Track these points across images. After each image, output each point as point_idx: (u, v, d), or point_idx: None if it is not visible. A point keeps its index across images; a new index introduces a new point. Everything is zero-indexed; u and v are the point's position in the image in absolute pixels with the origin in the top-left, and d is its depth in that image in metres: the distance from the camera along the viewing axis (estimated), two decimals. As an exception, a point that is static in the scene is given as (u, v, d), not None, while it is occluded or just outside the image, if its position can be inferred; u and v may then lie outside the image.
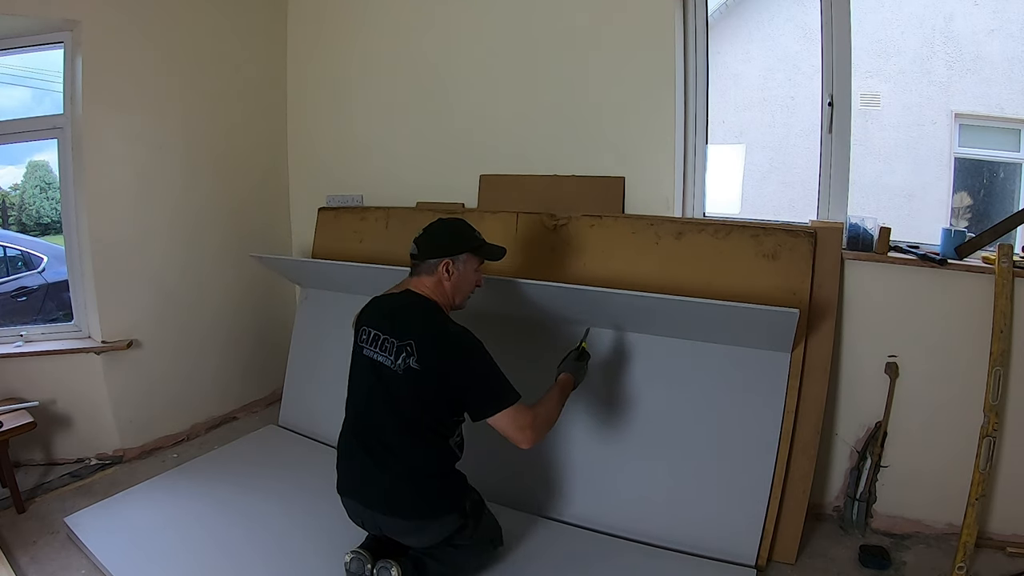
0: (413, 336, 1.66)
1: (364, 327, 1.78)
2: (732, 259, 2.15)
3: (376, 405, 1.72)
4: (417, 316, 1.72)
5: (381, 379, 1.70)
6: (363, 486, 1.72)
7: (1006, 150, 3.35)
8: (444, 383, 1.64)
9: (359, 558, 1.74)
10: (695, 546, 2.03)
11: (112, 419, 2.69)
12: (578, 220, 2.41)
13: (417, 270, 1.81)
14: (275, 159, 3.38)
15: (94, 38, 2.47)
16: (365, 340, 1.76)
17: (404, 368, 1.65)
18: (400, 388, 1.66)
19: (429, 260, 1.78)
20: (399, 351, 1.66)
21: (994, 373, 1.95)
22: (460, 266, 1.80)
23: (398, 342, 1.67)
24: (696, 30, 2.50)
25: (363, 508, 1.73)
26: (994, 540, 2.11)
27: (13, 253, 3.45)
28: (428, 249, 1.79)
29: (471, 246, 1.83)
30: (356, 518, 1.79)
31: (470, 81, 2.88)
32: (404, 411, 1.67)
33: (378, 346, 1.72)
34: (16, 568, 1.95)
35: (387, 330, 1.72)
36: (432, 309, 1.75)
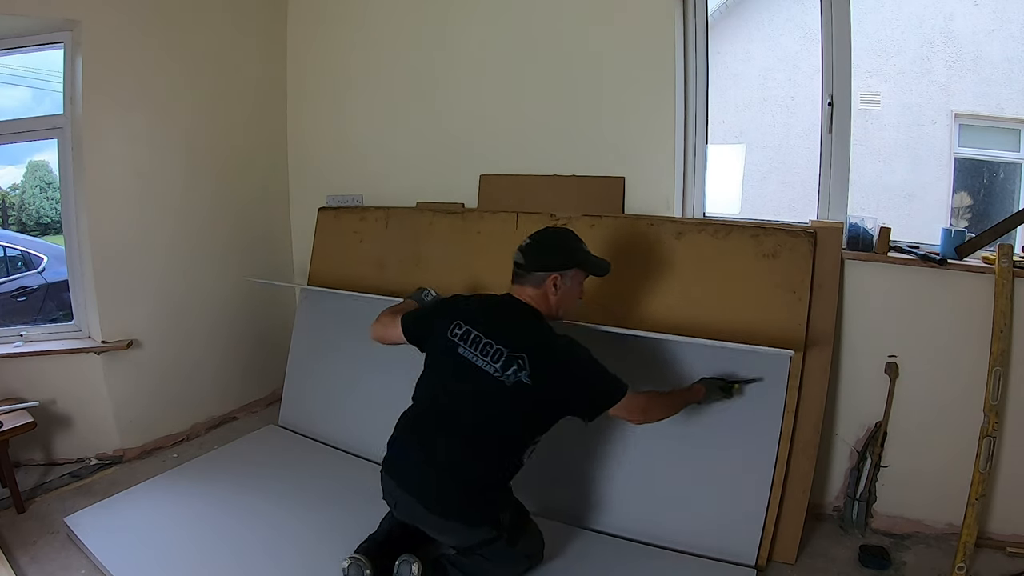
0: (526, 350, 1.61)
1: (459, 322, 1.71)
2: (732, 259, 2.15)
3: (457, 405, 1.67)
4: (527, 328, 1.68)
5: (474, 382, 1.64)
6: (411, 474, 1.67)
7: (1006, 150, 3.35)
8: (555, 400, 1.64)
9: (357, 564, 1.72)
10: (695, 546, 2.03)
11: (112, 419, 2.69)
12: (578, 220, 2.41)
13: (521, 280, 1.76)
14: (275, 159, 3.38)
15: (94, 38, 2.47)
16: (460, 337, 1.69)
17: (513, 381, 1.60)
18: (500, 398, 1.62)
19: (536, 272, 1.73)
20: (509, 362, 1.61)
21: (994, 373, 1.95)
22: (567, 281, 1.76)
23: (508, 352, 1.62)
24: (696, 30, 2.50)
25: (403, 493, 1.67)
26: (994, 540, 2.11)
27: (13, 253, 3.45)
28: (536, 261, 1.74)
29: (578, 260, 1.78)
30: (390, 498, 1.74)
31: (470, 81, 2.88)
32: (494, 420, 1.64)
33: (478, 349, 1.65)
34: (16, 568, 1.95)
35: (492, 335, 1.66)
36: (538, 320, 1.72)
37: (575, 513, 2.20)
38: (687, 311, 2.20)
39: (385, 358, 2.66)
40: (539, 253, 1.75)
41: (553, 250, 1.76)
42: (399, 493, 1.69)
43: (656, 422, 1.76)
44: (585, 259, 1.80)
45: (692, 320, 2.19)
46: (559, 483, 2.27)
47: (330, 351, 2.87)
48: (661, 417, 1.76)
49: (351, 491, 2.35)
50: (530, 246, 1.76)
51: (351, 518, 2.09)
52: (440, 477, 1.63)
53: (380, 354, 2.67)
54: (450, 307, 1.81)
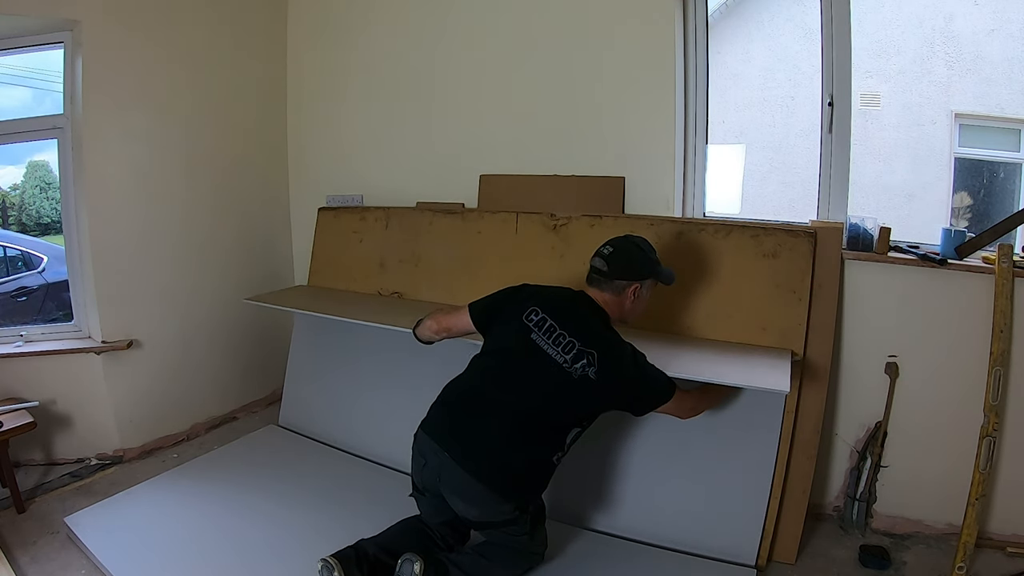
0: (597, 347, 1.67)
1: (535, 308, 1.75)
2: (732, 259, 2.16)
3: (517, 387, 1.70)
4: (598, 326, 1.74)
5: (542, 368, 1.68)
6: (457, 435, 1.68)
7: (1006, 150, 3.34)
8: (612, 397, 1.71)
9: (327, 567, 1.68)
10: (695, 546, 2.03)
11: (112, 419, 2.69)
12: (578, 220, 2.41)
13: (600, 285, 1.80)
14: (275, 159, 3.38)
15: (94, 38, 2.47)
16: (535, 323, 1.73)
17: (581, 375, 1.65)
18: (564, 388, 1.66)
19: (618, 281, 1.78)
20: (579, 355, 1.66)
21: (994, 373, 1.95)
22: (645, 291, 1.83)
23: (580, 345, 1.67)
24: (696, 30, 2.50)
25: (440, 451, 1.67)
26: (994, 540, 2.11)
27: (13, 253, 3.45)
28: (620, 270, 1.78)
29: (656, 271, 1.84)
30: (421, 458, 1.74)
31: (470, 81, 2.88)
32: (551, 405, 1.68)
33: (552, 338, 1.70)
34: (16, 568, 1.95)
35: (566, 326, 1.71)
36: (607, 322, 1.78)
37: (575, 512, 2.21)
38: (687, 311, 2.21)
39: (385, 359, 2.67)
40: (623, 262, 1.79)
41: (636, 261, 1.81)
42: (434, 449, 1.69)
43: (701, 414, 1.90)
44: (660, 270, 1.85)
45: (692, 321, 2.20)
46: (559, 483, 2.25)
47: (330, 351, 2.87)
48: (705, 410, 1.91)
49: (351, 491, 2.35)
50: (614, 255, 1.79)
51: (351, 518, 2.09)
52: (482, 444, 1.66)
53: (380, 355, 2.68)
54: (524, 294, 1.84)
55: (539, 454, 1.70)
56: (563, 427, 1.71)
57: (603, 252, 1.81)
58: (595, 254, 1.82)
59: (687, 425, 2.10)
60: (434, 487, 1.74)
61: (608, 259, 1.79)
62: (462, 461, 1.65)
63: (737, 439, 2.05)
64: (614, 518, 2.15)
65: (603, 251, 1.81)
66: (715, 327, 2.16)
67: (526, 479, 1.71)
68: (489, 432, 1.67)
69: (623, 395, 1.72)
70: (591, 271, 1.82)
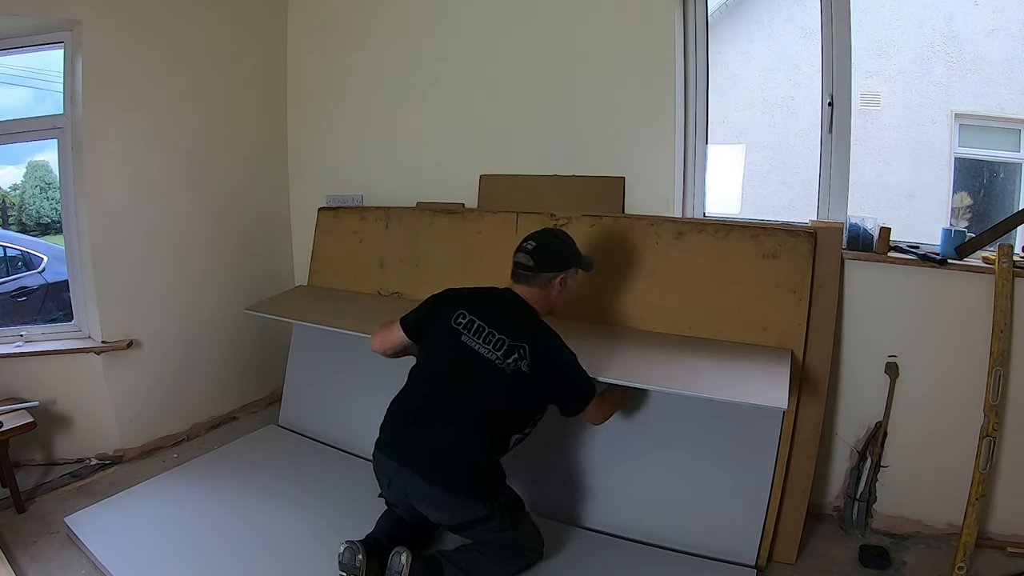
0: (528, 341, 1.72)
1: (463, 311, 1.80)
2: (732, 259, 2.15)
3: (456, 389, 1.75)
4: (526, 320, 1.79)
5: (475, 368, 1.73)
6: (411, 450, 1.73)
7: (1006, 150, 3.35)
8: (547, 389, 1.76)
9: (351, 549, 1.74)
10: (695, 546, 2.03)
11: (112, 419, 2.69)
12: (578, 220, 2.41)
13: (528, 280, 1.84)
14: (275, 159, 3.38)
15: (94, 38, 2.47)
16: (464, 325, 1.78)
17: (514, 369, 1.70)
18: (498, 384, 1.71)
19: (545, 274, 1.83)
20: (511, 351, 1.71)
21: (994, 373, 1.95)
22: (570, 280, 1.88)
23: (510, 341, 1.72)
24: (696, 30, 2.50)
25: (400, 468, 1.72)
26: (994, 540, 2.11)
27: (13, 253, 3.45)
28: (545, 262, 1.83)
29: (578, 260, 1.90)
30: (385, 478, 1.80)
31: (470, 80, 2.88)
32: (490, 404, 1.73)
33: (481, 337, 1.75)
34: (16, 568, 1.96)
35: (494, 324, 1.76)
36: (535, 316, 1.82)
37: (575, 512, 2.21)
38: (688, 312, 2.20)
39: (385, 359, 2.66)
40: (547, 254, 1.84)
41: (559, 252, 1.86)
42: (394, 468, 1.74)
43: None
44: (582, 258, 1.92)
45: (692, 321, 2.20)
46: (559, 482, 2.27)
47: (330, 351, 2.86)
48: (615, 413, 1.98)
49: (351, 491, 2.34)
50: (537, 248, 1.84)
51: (351, 518, 2.09)
52: (437, 451, 1.70)
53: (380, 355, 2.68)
54: (451, 298, 1.88)
55: (491, 449, 1.76)
56: (509, 422, 1.76)
57: (526, 248, 1.84)
58: (518, 250, 1.86)
59: (687, 425, 2.10)
60: (404, 501, 1.80)
61: (532, 253, 1.83)
62: (422, 472, 1.69)
63: (737, 439, 2.05)
64: (614, 518, 2.15)
65: (526, 247, 1.85)
66: (715, 327, 2.16)
67: (484, 474, 1.76)
68: (439, 438, 1.71)
69: (556, 386, 1.77)
70: (516, 268, 1.86)
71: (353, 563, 1.72)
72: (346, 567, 1.73)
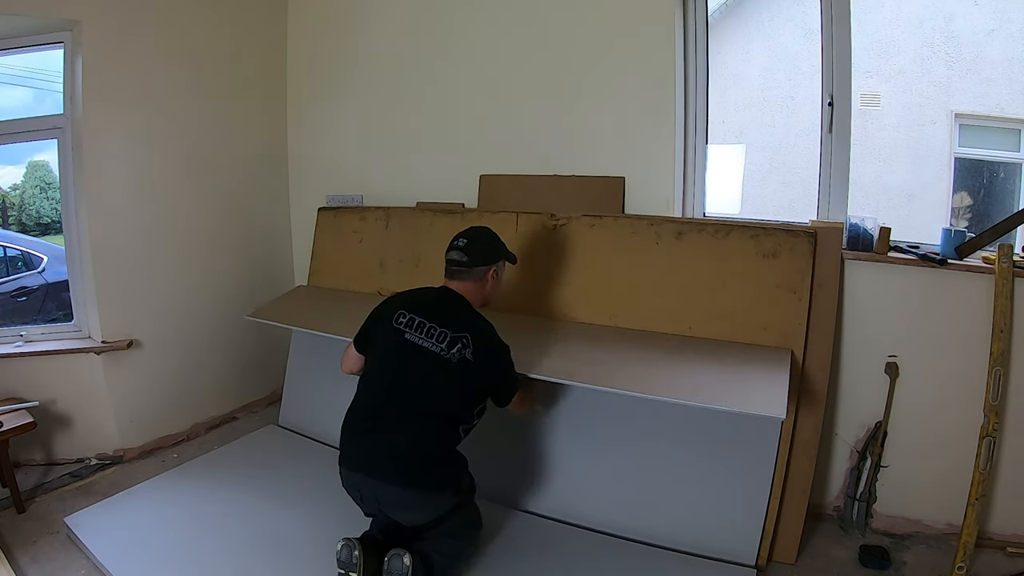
0: (469, 331, 1.80)
1: (403, 311, 1.86)
2: (732, 259, 2.15)
3: (407, 385, 1.79)
4: (466, 313, 1.87)
5: (422, 362, 1.78)
6: (373, 457, 1.75)
7: (1006, 150, 3.35)
8: (489, 376, 1.84)
9: (348, 546, 1.76)
10: (695, 546, 2.03)
11: (112, 419, 2.69)
12: (578, 220, 2.41)
13: (463, 276, 1.91)
14: (275, 159, 3.38)
15: (94, 38, 2.47)
16: (405, 324, 1.84)
17: (459, 358, 1.77)
18: (446, 374, 1.77)
19: (478, 267, 1.91)
20: (454, 341, 1.78)
21: (994, 373, 1.95)
22: (500, 272, 1.98)
23: (452, 333, 1.79)
24: (696, 30, 2.50)
25: (366, 477, 1.75)
26: (994, 540, 2.11)
27: (13, 253, 3.45)
28: (479, 257, 1.91)
29: (506, 253, 2.00)
30: (355, 491, 1.81)
31: (470, 81, 2.88)
32: (440, 394, 1.78)
33: (424, 332, 1.81)
34: (16, 568, 1.96)
35: (434, 319, 1.82)
36: (472, 308, 1.90)
37: (574, 512, 2.21)
38: (688, 312, 2.20)
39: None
40: (480, 249, 1.93)
41: (489, 246, 1.96)
42: (362, 480, 1.77)
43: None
44: (508, 251, 2.03)
45: (692, 321, 2.20)
46: (559, 483, 2.27)
47: (330, 351, 2.86)
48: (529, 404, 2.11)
49: (351, 491, 2.34)
50: (470, 244, 1.92)
51: (351, 518, 2.08)
52: (398, 454, 1.74)
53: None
54: (389, 303, 1.95)
55: (448, 439, 1.80)
56: (460, 411, 1.81)
57: (459, 245, 1.91)
58: (450, 248, 1.92)
59: (687, 425, 2.10)
60: (377, 511, 1.84)
61: (465, 250, 1.91)
62: (389, 478, 1.72)
63: (737, 439, 2.05)
64: (614, 518, 2.15)
65: (458, 243, 1.92)
66: (716, 327, 2.16)
67: (448, 462, 1.82)
68: (398, 440, 1.74)
69: (496, 374, 1.85)
70: (450, 265, 1.93)
71: (350, 560, 1.74)
72: (344, 564, 1.75)
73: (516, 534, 2.13)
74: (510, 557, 2.01)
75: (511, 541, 2.09)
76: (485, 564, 1.98)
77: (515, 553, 2.03)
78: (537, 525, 2.18)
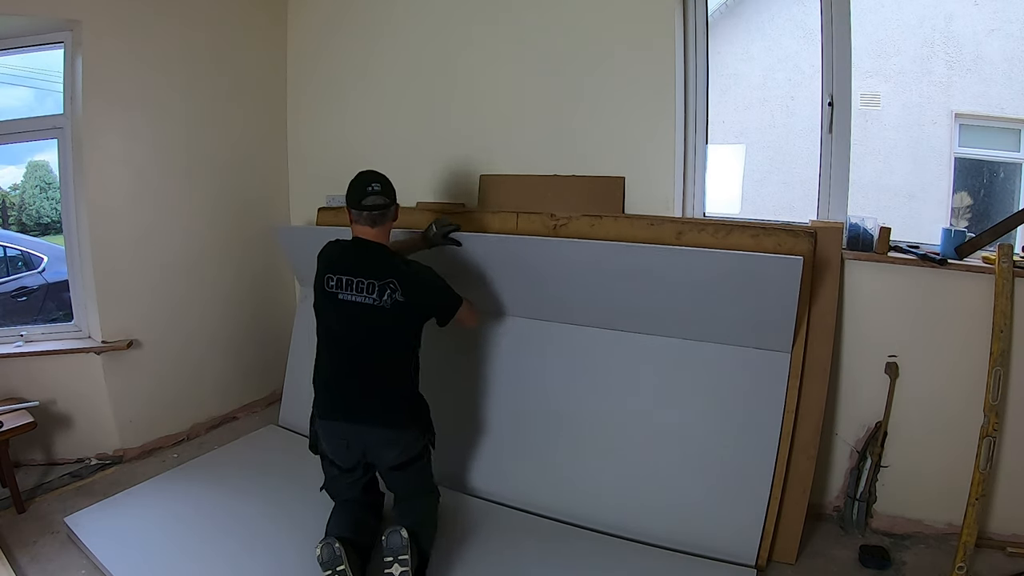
0: (393, 274, 1.89)
1: (329, 275, 1.94)
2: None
3: (361, 338, 1.91)
4: (384, 259, 1.94)
5: (363, 316, 1.89)
6: (354, 406, 1.90)
7: (1006, 150, 3.35)
8: (422, 306, 1.95)
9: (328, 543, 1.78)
10: (695, 546, 2.03)
11: (112, 419, 2.69)
12: (578, 220, 2.41)
13: (379, 220, 1.96)
14: (275, 159, 3.38)
15: (94, 38, 2.47)
16: (335, 285, 1.92)
17: (392, 302, 1.87)
18: (386, 319, 1.88)
19: (392, 207, 1.99)
20: (383, 289, 1.88)
21: (994, 373, 1.95)
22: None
23: (379, 282, 1.88)
24: (696, 30, 2.50)
25: (350, 426, 1.90)
26: (994, 540, 2.11)
27: (13, 253, 3.45)
28: (391, 194, 1.99)
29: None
30: (340, 441, 1.94)
31: (470, 81, 2.88)
32: (387, 338, 1.91)
33: (354, 288, 1.90)
34: (16, 568, 1.96)
35: (360, 274, 1.90)
36: (388, 251, 1.98)
37: (574, 512, 2.21)
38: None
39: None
40: (390, 188, 2.00)
41: (389, 182, 2.01)
42: (344, 428, 1.91)
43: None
44: None
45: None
46: (559, 483, 2.27)
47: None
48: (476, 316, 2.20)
49: (351, 491, 2.34)
50: (382, 186, 1.97)
51: (351, 518, 2.08)
52: (376, 398, 1.90)
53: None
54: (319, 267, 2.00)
55: (407, 377, 1.98)
56: (408, 348, 1.97)
57: (374, 190, 1.95)
58: (367, 195, 1.94)
59: (687, 425, 2.10)
60: (360, 458, 1.96)
61: (383, 192, 1.97)
62: (373, 422, 1.89)
63: (737, 439, 2.05)
64: (613, 517, 2.15)
65: (373, 189, 1.95)
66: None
67: (414, 401, 2.00)
68: (368, 387, 1.90)
69: (429, 301, 1.97)
70: (373, 211, 1.94)
71: (334, 555, 1.76)
72: (328, 563, 1.76)
73: (516, 534, 2.13)
74: (511, 557, 2.01)
75: (512, 541, 2.09)
76: (485, 564, 1.98)
77: (515, 553, 2.03)
78: (537, 525, 2.19)
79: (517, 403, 2.40)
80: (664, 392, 2.17)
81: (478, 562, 1.98)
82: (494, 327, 2.46)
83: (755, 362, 2.05)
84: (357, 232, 1.98)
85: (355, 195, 1.95)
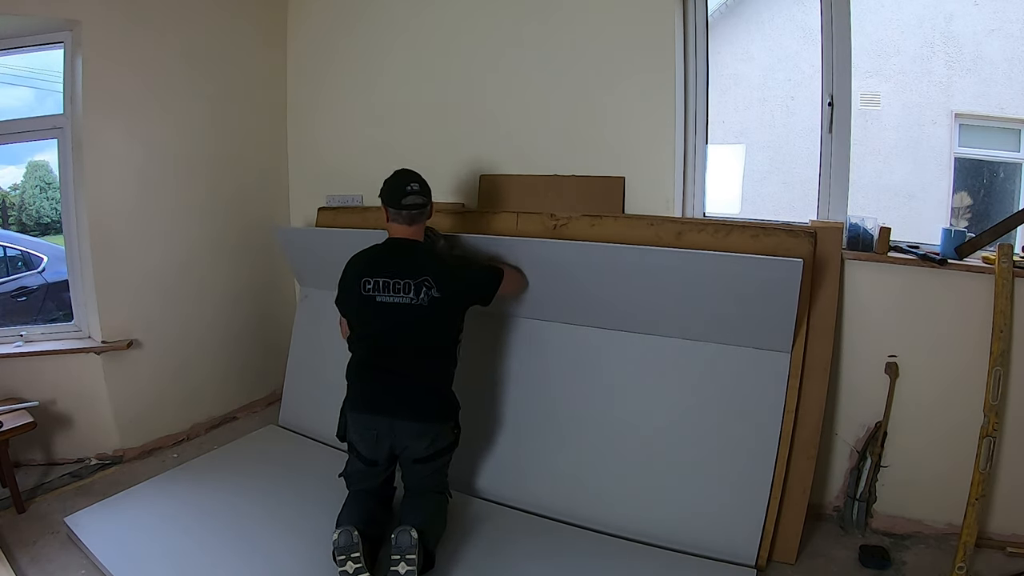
0: (428, 272, 1.95)
1: (366, 279, 1.99)
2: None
3: (400, 336, 1.97)
4: (420, 258, 2.01)
5: (403, 315, 1.95)
6: (387, 399, 1.95)
7: (1006, 150, 3.35)
8: (462, 296, 2.02)
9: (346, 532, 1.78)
10: (695, 546, 2.03)
11: (112, 419, 2.69)
12: (578, 220, 2.41)
13: (418, 219, 2.04)
14: (275, 159, 3.38)
15: (94, 38, 2.47)
16: (372, 288, 1.98)
17: (429, 299, 1.93)
18: (423, 316, 1.94)
19: (430, 204, 2.07)
20: (419, 288, 1.94)
21: (994, 373, 1.95)
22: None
23: (415, 281, 1.95)
24: (696, 30, 2.50)
25: (383, 418, 1.94)
26: (994, 540, 2.11)
27: (13, 253, 3.45)
28: (428, 193, 2.07)
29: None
30: (370, 432, 1.97)
31: (470, 81, 2.88)
32: (427, 334, 1.98)
33: (391, 288, 1.96)
34: (16, 568, 1.95)
35: (396, 275, 1.96)
36: (421, 248, 2.05)
37: (574, 512, 2.21)
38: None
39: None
40: (427, 187, 2.07)
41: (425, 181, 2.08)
42: (374, 421, 1.95)
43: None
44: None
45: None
46: (559, 483, 2.27)
47: (330, 351, 2.86)
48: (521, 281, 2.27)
49: (351, 491, 2.34)
50: (421, 186, 2.04)
51: (351, 518, 2.09)
52: (412, 394, 1.96)
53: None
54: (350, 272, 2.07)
55: (446, 373, 2.05)
56: (449, 340, 2.04)
57: (413, 190, 2.02)
58: (406, 195, 2.00)
59: (687, 425, 2.10)
60: (389, 451, 1.99)
61: (421, 192, 2.04)
62: (410, 416, 1.94)
63: (737, 439, 2.05)
64: (613, 517, 2.15)
65: (412, 189, 2.02)
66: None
67: (449, 396, 2.05)
68: (405, 383, 1.96)
69: (466, 292, 2.03)
70: (409, 210, 2.01)
71: (351, 542, 1.77)
72: (344, 549, 1.77)
73: (517, 534, 2.13)
74: (511, 557, 2.01)
75: (512, 541, 2.09)
76: (486, 564, 1.98)
77: (516, 553, 2.03)
78: (538, 525, 2.19)
79: (517, 403, 2.40)
80: (664, 392, 2.17)
81: (479, 562, 1.98)
82: (494, 327, 2.46)
83: (755, 362, 2.05)
84: (393, 231, 2.05)
85: (394, 194, 2.00)
